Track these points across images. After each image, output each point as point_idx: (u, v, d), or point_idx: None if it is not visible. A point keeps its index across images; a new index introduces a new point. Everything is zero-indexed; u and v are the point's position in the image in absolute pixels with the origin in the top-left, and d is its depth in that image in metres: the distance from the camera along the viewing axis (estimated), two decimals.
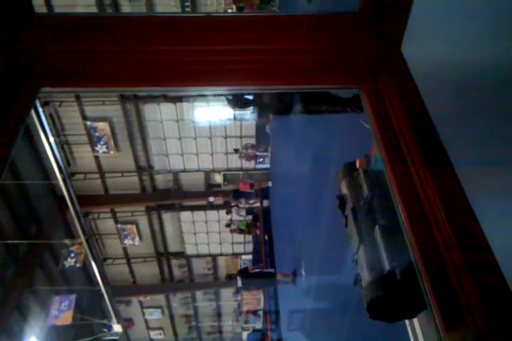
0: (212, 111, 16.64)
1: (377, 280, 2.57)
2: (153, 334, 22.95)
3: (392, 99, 1.77)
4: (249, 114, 17.04)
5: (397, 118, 1.73)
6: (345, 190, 3.26)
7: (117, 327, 14.74)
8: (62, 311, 13.81)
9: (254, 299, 19.56)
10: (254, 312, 19.64)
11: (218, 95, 15.49)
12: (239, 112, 16.85)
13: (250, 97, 16.30)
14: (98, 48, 1.82)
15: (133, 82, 1.87)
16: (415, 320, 2.92)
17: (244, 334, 20.39)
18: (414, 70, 1.78)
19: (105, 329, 15.47)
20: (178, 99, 15.80)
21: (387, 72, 1.84)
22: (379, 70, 1.87)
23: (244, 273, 13.44)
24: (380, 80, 1.85)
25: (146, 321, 22.29)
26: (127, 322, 19.98)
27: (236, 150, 18.16)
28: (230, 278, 15.18)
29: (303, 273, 9.85)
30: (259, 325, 19.44)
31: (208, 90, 2.22)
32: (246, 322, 20.69)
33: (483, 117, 1.70)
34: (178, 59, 1.85)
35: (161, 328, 22.90)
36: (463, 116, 1.73)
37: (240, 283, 13.14)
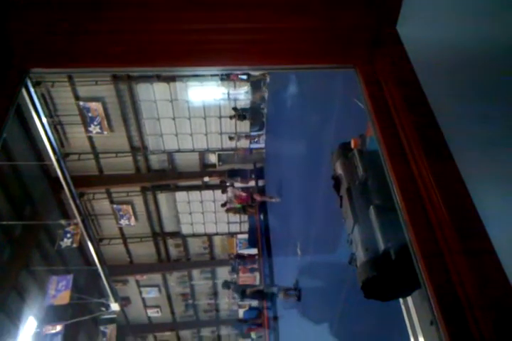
0: (206, 91, 16.51)
1: (371, 260, 2.60)
2: (150, 312, 23.25)
3: (388, 79, 1.75)
4: (243, 94, 16.95)
5: (393, 98, 1.71)
6: (340, 171, 3.25)
7: (115, 306, 14.92)
8: (59, 291, 13.92)
9: (251, 277, 19.78)
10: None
11: (212, 75, 15.37)
12: (233, 92, 16.77)
13: (244, 77, 16.16)
14: (89, 28, 1.78)
15: (124, 63, 1.83)
16: (409, 299, 2.97)
17: (241, 312, 20.67)
18: (410, 49, 1.76)
19: (103, 308, 15.65)
20: (172, 79, 15.64)
21: (382, 51, 1.82)
22: (374, 49, 1.84)
23: (243, 292, 13.17)
24: (375, 60, 1.83)
25: (143, 299, 22.55)
26: (124, 301, 20.21)
27: (231, 138, 18.14)
28: (228, 286, 14.99)
29: (298, 252, 9.92)
30: (255, 303, 19.68)
31: (201, 70, 2.18)
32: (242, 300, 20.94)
33: (481, 97, 1.69)
34: (170, 38, 1.82)
35: (158, 306, 23.18)
36: (460, 96, 1.71)
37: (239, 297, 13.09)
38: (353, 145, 3.41)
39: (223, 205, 19.30)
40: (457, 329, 1.26)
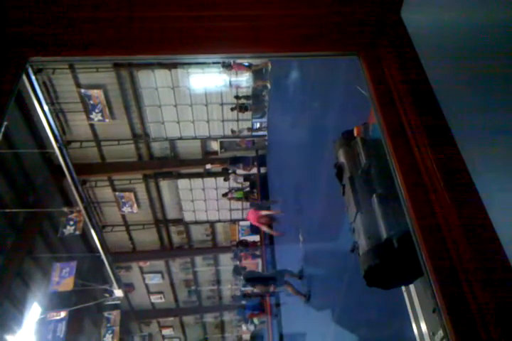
0: (207, 78, 16.42)
1: (374, 249, 2.61)
2: (153, 298, 23.48)
3: (391, 66, 1.73)
4: (245, 81, 16.88)
5: (396, 85, 1.69)
6: (342, 159, 3.23)
7: (118, 292, 15.05)
8: (63, 277, 14.05)
9: (253, 264, 19.88)
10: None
11: (214, 62, 15.28)
12: (235, 79, 16.70)
13: (246, 63, 16.07)
14: (89, 16, 1.76)
15: (124, 51, 1.81)
16: (411, 286, 2.98)
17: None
18: (414, 35, 1.73)
19: (107, 294, 15.80)
20: (173, 66, 15.56)
21: (385, 37, 1.79)
22: (377, 36, 1.82)
23: (250, 276, 13.17)
24: (378, 46, 1.81)
25: (146, 286, 22.74)
26: (128, 287, 20.38)
27: (233, 132, 18.12)
28: (239, 272, 15.09)
29: (300, 238, 9.95)
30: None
31: (202, 58, 2.16)
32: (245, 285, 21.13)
33: (485, 83, 1.67)
34: (170, 26, 1.80)
35: (161, 292, 23.40)
36: (464, 82, 1.69)
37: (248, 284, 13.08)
38: (355, 134, 3.39)
39: (225, 195, 19.35)
40: (460, 317, 1.26)
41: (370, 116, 3.28)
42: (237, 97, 16.90)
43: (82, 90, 15.19)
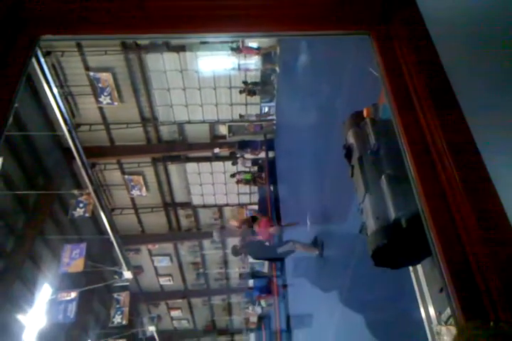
0: (216, 61, 16.30)
1: (382, 229, 2.61)
2: (162, 280, 23.77)
3: (403, 45, 1.71)
4: (253, 64, 16.75)
5: (408, 65, 1.67)
6: (351, 140, 3.21)
7: (127, 274, 15.23)
8: (73, 259, 14.21)
9: None
10: None
11: (222, 42, 15.14)
12: (243, 62, 16.57)
13: (255, 45, 15.90)
14: None
15: (135, 29, 1.81)
16: (419, 267, 2.99)
17: (251, 280, 21.01)
18: (426, 14, 1.71)
19: (116, 276, 16.00)
20: (181, 49, 15.45)
21: (397, 16, 1.77)
22: (389, 15, 1.79)
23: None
24: (390, 25, 1.78)
25: (155, 268, 23.00)
26: (137, 270, 20.62)
27: (241, 116, 18.03)
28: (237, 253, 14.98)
29: (308, 222, 9.96)
30: (265, 272, 19.96)
31: (212, 37, 2.15)
32: (252, 268, 21.33)
33: (498, 64, 1.64)
34: (181, 4, 1.78)
35: (169, 275, 23.67)
36: (476, 63, 1.67)
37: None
38: (365, 114, 3.36)
39: (233, 176, 19.36)
40: (467, 295, 1.27)
41: (381, 97, 3.24)
42: (245, 83, 16.80)
43: (91, 73, 15.15)
